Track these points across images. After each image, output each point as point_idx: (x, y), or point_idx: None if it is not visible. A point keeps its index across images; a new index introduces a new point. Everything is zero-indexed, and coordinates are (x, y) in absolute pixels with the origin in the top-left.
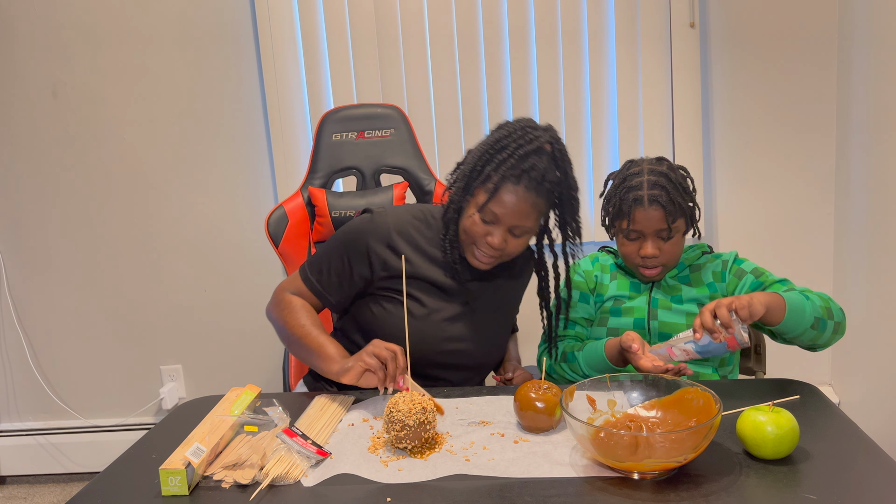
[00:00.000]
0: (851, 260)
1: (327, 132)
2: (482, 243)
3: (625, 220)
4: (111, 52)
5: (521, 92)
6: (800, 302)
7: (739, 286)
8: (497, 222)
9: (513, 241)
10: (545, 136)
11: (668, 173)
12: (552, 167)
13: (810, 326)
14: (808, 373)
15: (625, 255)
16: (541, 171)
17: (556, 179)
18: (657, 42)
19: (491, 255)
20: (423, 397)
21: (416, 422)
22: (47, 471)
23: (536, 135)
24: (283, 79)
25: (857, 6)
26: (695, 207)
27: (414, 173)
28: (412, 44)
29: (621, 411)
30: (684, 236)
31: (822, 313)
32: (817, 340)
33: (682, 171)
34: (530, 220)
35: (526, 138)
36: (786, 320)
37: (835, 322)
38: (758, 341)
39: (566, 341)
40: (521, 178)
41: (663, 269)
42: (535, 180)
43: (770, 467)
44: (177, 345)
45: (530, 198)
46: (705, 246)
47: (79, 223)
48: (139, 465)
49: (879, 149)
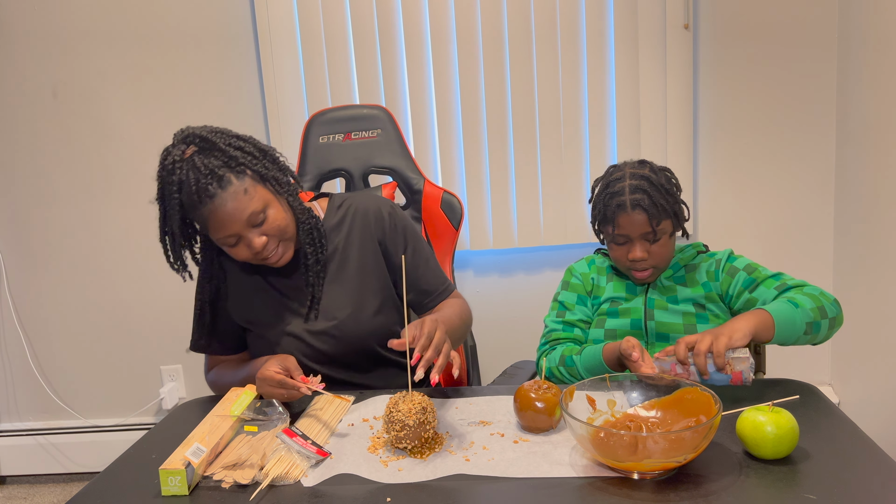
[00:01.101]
0: (851, 260)
1: (314, 135)
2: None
3: (610, 226)
4: (111, 52)
5: (520, 92)
6: (788, 314)
7: (733, 284)
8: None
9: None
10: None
11: (650, 176)
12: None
13: (803, 333)
14: (808, 373)
15: (615, 259)
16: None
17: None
18: (652, 44)
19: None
20: (424, 397)
21: (416, 422)
22: (47, 471)
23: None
24: (283, 79)
25: (857, 6)
26: (681, 207)
27: (402, 173)
28: (412, 44)
29: (621, 411)
30: (672, 237)
31: (814, 316)
32: (814, 341)
33: (665, 172)
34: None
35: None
36: (776, 336)
37: (829, 319)
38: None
39: (565, 344)
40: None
41: (654, 270)
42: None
43: (770, 467)
44: (177, 345)
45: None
46: (700, 245)
47: (79, 223)
48: (139, 465)
49: (879, 149)
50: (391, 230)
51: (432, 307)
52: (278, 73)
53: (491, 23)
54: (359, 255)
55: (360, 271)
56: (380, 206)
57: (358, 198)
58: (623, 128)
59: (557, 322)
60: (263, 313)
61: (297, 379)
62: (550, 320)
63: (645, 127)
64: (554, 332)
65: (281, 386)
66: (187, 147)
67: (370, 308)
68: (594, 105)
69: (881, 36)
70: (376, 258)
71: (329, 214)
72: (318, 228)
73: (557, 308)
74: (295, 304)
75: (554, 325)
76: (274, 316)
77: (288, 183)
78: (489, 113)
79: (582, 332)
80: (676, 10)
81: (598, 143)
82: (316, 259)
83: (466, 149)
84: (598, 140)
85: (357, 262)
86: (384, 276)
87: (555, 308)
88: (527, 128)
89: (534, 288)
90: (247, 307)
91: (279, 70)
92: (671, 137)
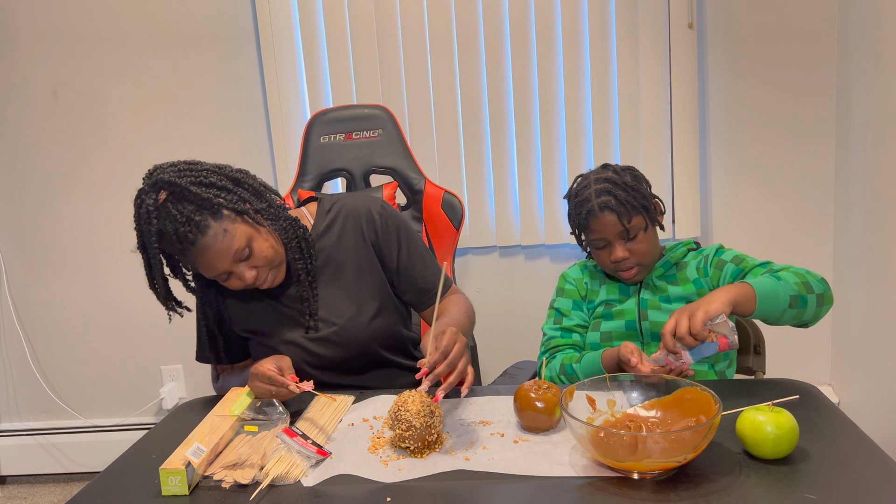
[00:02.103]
0: (851, 260)
1: (315, 135)
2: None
3: (587, 232)
4: (111, 52)
5: (521, 92)
6: (770, 286)
7: (722, 277)
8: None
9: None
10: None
11: (612, 177)
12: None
13: (788, 306)
14: (807, 373)
15: (600, 263)
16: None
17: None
18: (656, 42)
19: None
20: (432, 399)
21: (422, 424)
22: (47, 471)
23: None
24: (284, 79)
25: (857, 6)
26: (651, 202)
27: (403, 173)
28: (412, 44)
29: (621, 411)
30: (649, 232)
31: (798, 290)
32: (803, 317)
33: (630, 171)
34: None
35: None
36: (759, 308)
37: (816, 295)
38: (757, 341)
39: (564, 351)
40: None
41: (640, 268)
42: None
43: (770, 467)
44: (177, 345)
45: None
46: (692, 242)
47: (79, 223)
48: (139, 465)
49: (879, 148)
50: (383, 231)
51: (430, 304)
52: (280, 73)
53: (492, 21)
54: (353, 259)
55: (356, 275)
56: (370, 207)
57: (347, 200)
58: (625, 126)
59: (555, 329)
60: (263, 324)
61: (287, 378)
62: (548, 328)
63: (648, 126)
64: (553, 339)
65: (271, 382)
66: (158, 193)
67: (369, 311)
68: (597, 104)
69: (882, 36)
70: (371, 261)
71: (318, 219)
72: (305, 239)
73: (554, 315)
74: (294, 312)
75: (552, 332)
76: (274, 326)
77: (267, 207)
78: (490, 113)
79: (580, 336)
80: (680, 9)
81: (600, 142)
82: (307, 272)
83: (467, 148)
84: (601, 139)
85: (352, 266)
86: (380, 277)
87: (551, 315)
88: (528, 127)
89: (535, 288)
90: (247, 319)
91: (280, 70)
92: (676, 136)
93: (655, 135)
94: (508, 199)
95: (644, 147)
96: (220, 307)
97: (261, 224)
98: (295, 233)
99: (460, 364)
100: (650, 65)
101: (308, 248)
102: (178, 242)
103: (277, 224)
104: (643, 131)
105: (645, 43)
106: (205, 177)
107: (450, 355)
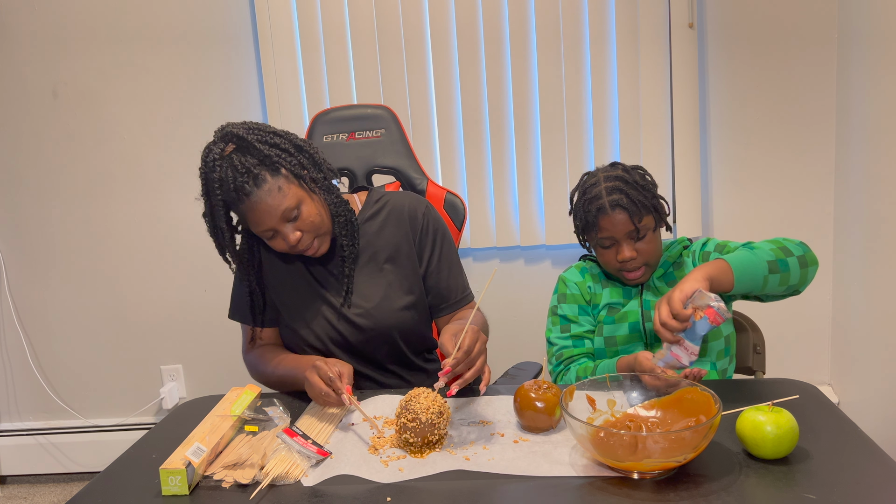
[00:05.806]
0: (851, 260)
1: (318, 134)
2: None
3: (594, 231)
4: (111, 52)
5: (521, 92)
6: (744, 256)
7: None
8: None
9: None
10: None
11: (624, 175)
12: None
13: (769, 272)
14: (807, 373)
15: (605, 263)
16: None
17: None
18: (656, 42)
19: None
20: (444, 402)
21: (428, 420)
22: (47, 471)
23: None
24: (283, 79)
25: (857, 6)
26: (659, 202)
27: (405, 173)
28: (412, 44)
29: (621, 411)
30: (657, 232)
31: (776, 255)
32: (789, 281)
33: (638, 170)
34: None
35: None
36: (738, 279)
37: (797, 257)
38: (757, 341)
39: (578, 362)
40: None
41: (646, 268)
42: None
43: (770, 467)
44: (177, 345)
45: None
46: (685, 240)
47: (79, 223)
48: (139, 465)
49: (879, 148)
50: (423, 231)
51: (447, 313)
52: (279, 73)
53: (492, 22)
54: (390, 251)
55: (391, 265)
56: (416, 207)
57: (396, 196)
58: (626, 127)
59: (565, 338)
60: (297, 295)
61: (343, 385)
62: (556, 337)
63: (648, 126)
64: (564, 349)
65: (329, 382)
66: (226, 145)
67: (398, 301)
68: (597, 104)
69: (882, 36)
70: (410, 258)
71: (366, 207)
72: (352, 222)
73: (560, 322)
74: (327, 291)
75: (562, 342)
76: (307, 300)
77: (323, 178)
78: (490, 113)
79: (592, 342)
80: (681, 9)
81: (600, 142)
82: (351, 250)
83: (467, 148)
84: (601, 139)
85: (389, 257)
86: (417, 276)
87: (556, 322)
88: (528, 127)
89: (535, 289)
90: (282, 289)
91: (279, 70)
92: (677, 136)
93: (656, 135)
94: (508, 199)
95: (644, 147)
96: (260, 268)
97: (314, 192)
98: (344, 209)
99: (478, 363)
100: (651, 65)
101: (354, 230)
102: (235, 192)
103: (329, 197)
104: (643, 131)
105: (645, 43)
106: (271, 137)
107: (471, 354)
